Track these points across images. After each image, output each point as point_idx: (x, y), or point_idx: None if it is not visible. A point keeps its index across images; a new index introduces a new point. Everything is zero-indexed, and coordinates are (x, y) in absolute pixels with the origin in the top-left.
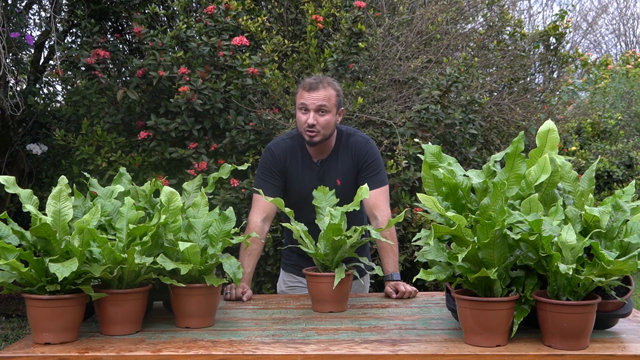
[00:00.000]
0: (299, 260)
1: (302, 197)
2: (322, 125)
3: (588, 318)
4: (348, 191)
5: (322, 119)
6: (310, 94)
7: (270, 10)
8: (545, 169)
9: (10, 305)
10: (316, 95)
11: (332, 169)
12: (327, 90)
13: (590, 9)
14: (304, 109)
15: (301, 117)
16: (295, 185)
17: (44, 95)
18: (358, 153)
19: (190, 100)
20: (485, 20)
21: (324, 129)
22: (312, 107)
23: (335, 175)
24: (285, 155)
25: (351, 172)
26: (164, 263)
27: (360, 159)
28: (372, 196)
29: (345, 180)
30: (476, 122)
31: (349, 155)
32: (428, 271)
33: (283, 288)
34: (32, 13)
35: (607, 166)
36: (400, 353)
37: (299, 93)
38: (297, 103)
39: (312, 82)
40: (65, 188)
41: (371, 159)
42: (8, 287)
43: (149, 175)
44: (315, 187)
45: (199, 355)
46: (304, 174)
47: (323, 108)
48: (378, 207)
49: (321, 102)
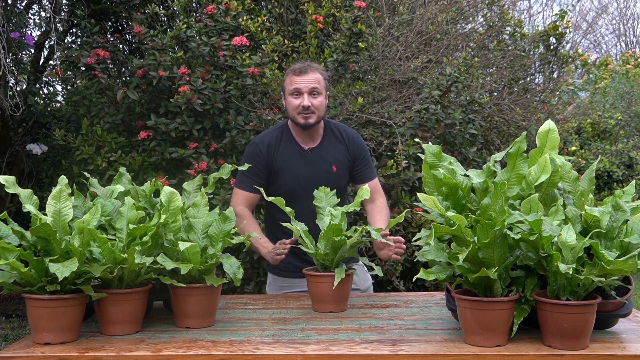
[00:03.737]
0: (292, 260)
1: (294, 185)
2: (317, 106)
3: (588, 318)
4: (341, 179)
5: (316, 101)
6: (301, 78)
7: (270, 10)
8: (546, 169)
9: (10, 305)
10: (307, 78)
11: (325, 155)
12: (315, 74)
13: (590, 9)
14: (296, 93)
15: (294, 101)
16: (286, 175)
17: (44, 95)
18: (354, 145)
19: (190, 100)
20: (485, 20)
21: (318, 110)
22: (305, 90)
23: (330, 161)
24: (271, 148)
25: (346, 161)
26: (164, 263)
27: (356, 152)
28: (371, 185)
29: (340, 168)
30: (476, 122)
31: (342, 144)
32: (428, 271)
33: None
34: (32, 13)
35: (607, 166)
36: (400, 353)
37: (288, 79)
38: (288, 89)
39: (301, 66)
40: (65, 188)
41: (365, 151)
42: (8, 287)
43: (149, 175)
44: (307, 174)
45: (199, 355)
46: (294, 162)
47: (315, 90)
48: (377, 192)
49: (313, 85)
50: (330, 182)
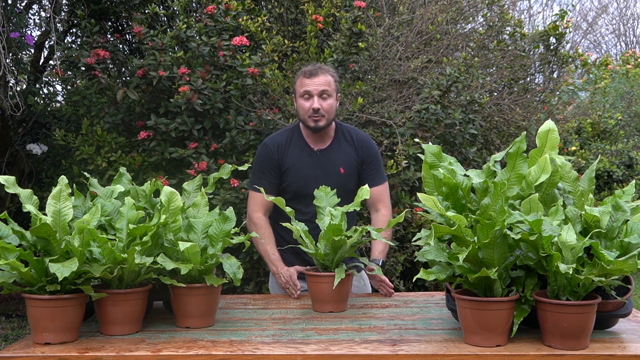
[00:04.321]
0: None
1: (302, 186)
2: (326, 109)
3: (588, 318)
4: (350, 181)
5: (326, 103)
6: (312, 80)
7: (270, 10)
8: (546, 169)
9: (10, 305)
10: (318, 81)
11: (334, 157)
12: (326, 76)
13: (590, 9)
14: (306, 95)
15: (304, 103)
16: (294, 176)
17: (44, 95)
18: (364, 148)
19: (190, 100)
20: (485, 20)
21: (328, 113)
22: (315, 92)
23: (338, 163)
24: (281, 148)
25: (354, 163)
26: (164, 263)
27: (365, 155)
28: (376, 191)
29: (348, 170)
30: (476, 122)
31: (351, 147)
32: (428, 271)
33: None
34: (32, 13)
35: (607, 166)
36: (400, 353)
37: (299, 81)
38: (298, 92)
39: (312, 69)
40: (65, 188)
41: (375, 156)
42: (8, 287)
43: (149, 175)
44: (316, 175)
45: (199, 355)
46: (303, 162)
47: (326, 92)
48: (382, 202)
49: (323, 87)
50: (338, 183)
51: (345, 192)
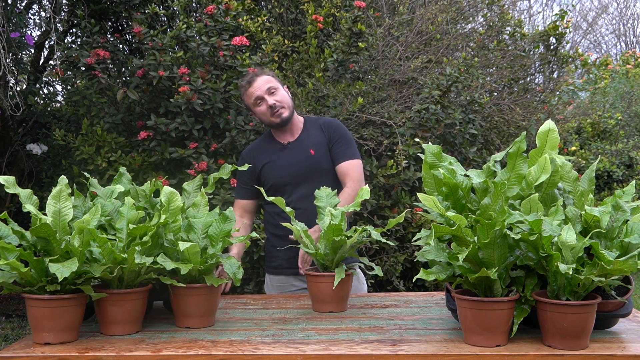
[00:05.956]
0: (284, 260)
1: (278, 177)
2: (281, 99)
3: (588, 318)
4: (322, 160)
5: (277, 96)
6: (254, 86)
7: (270, 10)
8: (546, 169)
9: (10, 305)
10: (258, 83)
11: (304, 144)
12: (263, 76)
13: (590, 9)
14: (258, 100)
15: (261, 109)
16: (270, 169)
17: (44, 95)
18: (330, 128)
19: (190, 100)
20: (485, 20)
21: (284, 102)
22: (263, 93)
23: (307, 146)
24: (254, 154)
25: (323, 143)
26: (164, 263)
27: (331, 133)
28: (344, 165)
29: (318, 150)
30: (476, 122)
31: (318, 130)
32: (428, 271)
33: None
34: (32, 13)
35: (607, 166)
36: (400, 353)
37: (245, 95)
38: (250, 103)
39: (248, 78)
40: (65, 188)
41: (341, 134)
42: (8, 287)
43: (149, 175)
44: (288, 163)
45: (199, 355)
46: (275, 156)
47: (271, 88)
48: (349, 176)
49: (267, 85)
50: (311, 165)
51: (321, 171)
